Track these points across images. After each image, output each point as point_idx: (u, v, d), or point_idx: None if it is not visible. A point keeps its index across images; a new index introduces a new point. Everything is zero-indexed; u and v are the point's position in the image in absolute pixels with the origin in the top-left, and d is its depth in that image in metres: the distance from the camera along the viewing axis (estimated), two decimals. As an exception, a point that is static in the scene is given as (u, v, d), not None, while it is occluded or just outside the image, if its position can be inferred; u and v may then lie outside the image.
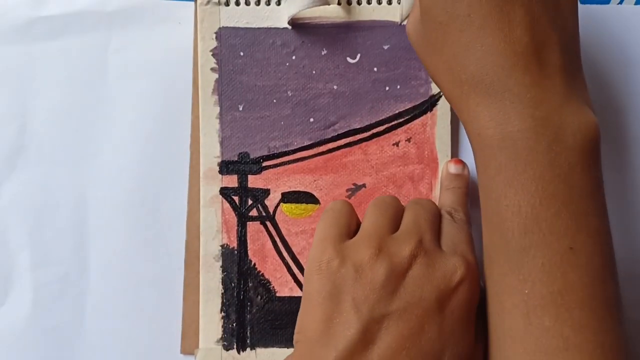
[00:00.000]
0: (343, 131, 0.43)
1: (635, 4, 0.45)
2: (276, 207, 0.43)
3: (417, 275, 0.34)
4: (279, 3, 0.43)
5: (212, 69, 0.43)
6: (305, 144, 0.43)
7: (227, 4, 0.43)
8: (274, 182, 0.43)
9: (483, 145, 0.33)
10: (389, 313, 0.32)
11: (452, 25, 0.32)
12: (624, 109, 0.44)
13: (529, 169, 0.31)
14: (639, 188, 0.44)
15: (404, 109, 0.43)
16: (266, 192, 0.43)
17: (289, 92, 0.43)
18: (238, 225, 0.43)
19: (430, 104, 0.43)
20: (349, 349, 0.32)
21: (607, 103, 0.44)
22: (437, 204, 0.40)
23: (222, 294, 0.42)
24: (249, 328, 0.42)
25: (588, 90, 0.35)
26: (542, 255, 0.31)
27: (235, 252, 0.43)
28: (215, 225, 0.43)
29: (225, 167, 0.43)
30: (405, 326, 0.32)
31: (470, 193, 0.41)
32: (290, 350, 0.42)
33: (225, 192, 0.43)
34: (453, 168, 0.42)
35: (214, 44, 0.43)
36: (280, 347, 0.42)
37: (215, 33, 0.43)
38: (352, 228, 0.37)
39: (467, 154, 0.43)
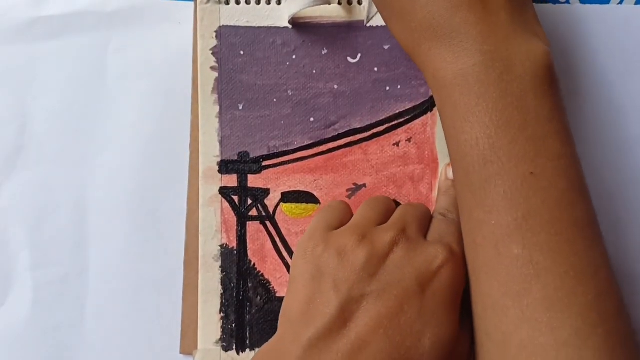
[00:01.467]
0: (343, 131, 0.43)
1: (635, 4, 0.45)
2: (276, 206, 0.43)
3: (398, 259, 0.34)
4: (279, 2, 0.43)
5: (212, 68, 0.43)
6: (305, 144, 0.43)
7: (227, 2, 0.43)
8: (273, 181, 0.43)
9: (439, 87, 0.34)
10: (368, 293, 0.33)
11: None
12: (624, 109, 0.44)
13: (481, 102, 0.32)
14: (640, 188, 0.44)
15: (404, 109, 0.43)
16: (266, 192, 0.43)
17: (289, 92, 0.43)
18: (237, 225, 0.43)
19: (431, 104, 0.43)
20: (327, 326, 0.32)
21: (608, 103, 0.44)
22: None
23: (221, 294, 0.42)
24: (248, 329, 0.42)
25: (540, 24, 0.35)
26: (503, 183, 0.31)
27: (235, 252, 0.43)
28: (215, 225, 0.43)
29: (224, 167, 0.43)
30: (384, 305, 0.32)
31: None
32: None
33: (224, 191, 0.43)
34: (450, 173, 0.42)
35: (214, 42, 0.43)
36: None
37: (216, 32, 0.43)
38: (344, 223, 0.38)
39: (468, 154, 0.43)
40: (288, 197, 0.43)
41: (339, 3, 0.43)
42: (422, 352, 0.33)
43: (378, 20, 0.43)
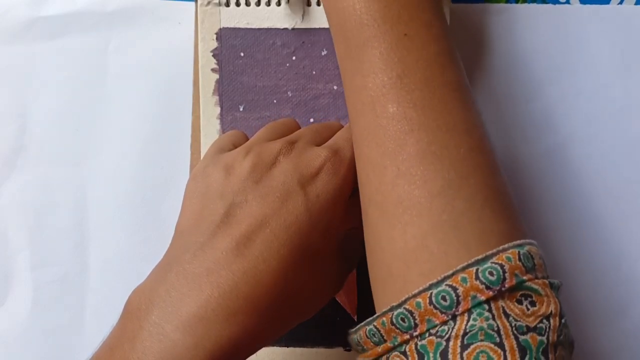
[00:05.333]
0: (343, 131, 0.43)
1: (635, 4, 0.45)
2: (276, 207, 0.43)
3: (282, 166, 0.34)
4: (279, 4, 0.43)
5: (213, 70, 0.43)
6: (305, 144, 0.43)
7: (227, 4, 0.43)
8: (274, 182, 0.43)
9: None
10: (252, 197, 0.33)
11: None
12: (624, 109, 0.44)
13: None
14: None
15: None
16: (266, 193, 0.43)
17: (289, 93, 0.43)
18: (238, 226, 0.43)
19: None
20: (213, 230, 0.32)
21: (608, 103, 0.44)
22: None
23: (222, 294, 0.42)
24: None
25: None
26: (379, 45, 0.33)
27: (236, 252, 0.43)
28: (216, 226, 0.43)
29: (225, 168, 0.43)
30: (268, 207, 0.32)
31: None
32: (290, 349, 0.42)
33: (225, 192, 0.43)
34: None
35: (215, 44, 0.43)
36: (280, 347, 0.42)
37: (216, 34, 0.43)
38: (237, 146, 0.37)
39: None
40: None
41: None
42: (314, 248, 0.33)
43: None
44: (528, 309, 0.29)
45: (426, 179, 0.31)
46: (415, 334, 0.29)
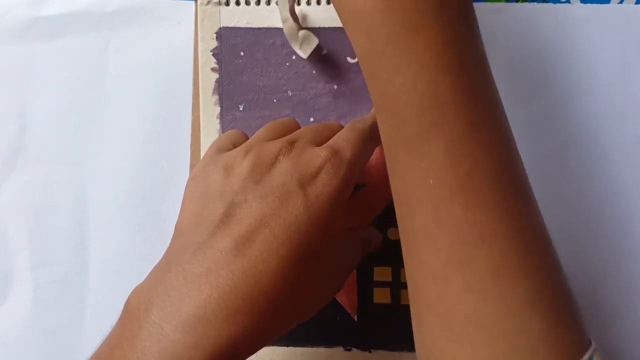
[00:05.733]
0: (343, 131, 0.43)
1: (636, 3, 0.45)
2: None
3: (282, 166, 0.34)
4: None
5: (213, 69, 0.43)
6: (305, 144, 0.43)
7: (227, 4, 0.43)
8: (274, 182, 0.43)
9: (363, 16, 0.29)
10: (252, 197, 0.33)
11: None
12: (624, 109, 0.44)
13: (422, 36, 0.28)
14: None
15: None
16: (266, 192, 0.43)
17: (289, 92, 0.43)
18: (238, 225, 0.43)
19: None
20: (212, 230, 0.32)
21: (608, 103, 0.44)
22: None
23: (222, 294, 0.42)
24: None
25: None
26: (443, 134, 0.28)
27: (236, 252, 0.43)
28: (216, 226, 0.43)
29: (225, 167, 0.43)
30: (268, 207, 0.32)
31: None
32: (291, 348, 0.42)
33: (225, 192, 0.43)
34: None
35: (215, 44, 0.43)
36: (280, 346, 0.42)
37: (216, 33, 0.43)
38: (237, 146, 0.37)
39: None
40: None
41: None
42: (313, 248, 0.32)
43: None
44: None
45: (500, 297, 0.28)
46: None
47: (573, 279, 0.43)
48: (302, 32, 0.41)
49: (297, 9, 0.42)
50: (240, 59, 0.43)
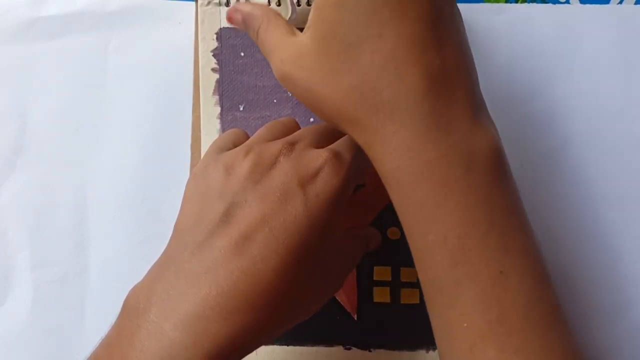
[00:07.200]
0: (343, 131, 0.43)
1: (635, 3, 0.45)
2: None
3: (282, 167, 0.34)
4: (279, 4, 0.43)
5: (213, 70, 0.43)
6: (305, 144, 0.43)
7: (227, 4, 0.43)
8: (274, 182, 0.43)
9: (400, 181, 0.31)
10: (251, 197, 0.33)
11: (363, 46, 0.30)
12: (624, 109, 0.44)
13: (449, 199, 0.30)
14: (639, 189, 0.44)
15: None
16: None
17: (289, 92, 0.43)
18: (238, 225, 0.43)
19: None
20: (212, 229, 0.32)
21: (608, 103, 0.44)
22: None
23: (222, 294, 0.42)
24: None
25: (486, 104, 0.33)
26: (474, 285, 0.30)
27: (235, 252, 0.43)
28: (215, 225, 0.43)
29: (225, 167, 0.43)
30: (267, 207, 0.32)
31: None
32: (291, 347, 0.42)
33: (225, 192, 0.43)
34: None
35: (215, 44, 0.43)
36: (280, 345, 0.42)
37: (216, 34, 0.43)
38: (237, 145, 0.37)
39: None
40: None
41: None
42: (312, 247, 0.33)
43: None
44: None
45: None
46: None
47: (573, 279, 0.43)
48: None
49: (297, 9, 0.42)
50: (240, 60, 0.43)
